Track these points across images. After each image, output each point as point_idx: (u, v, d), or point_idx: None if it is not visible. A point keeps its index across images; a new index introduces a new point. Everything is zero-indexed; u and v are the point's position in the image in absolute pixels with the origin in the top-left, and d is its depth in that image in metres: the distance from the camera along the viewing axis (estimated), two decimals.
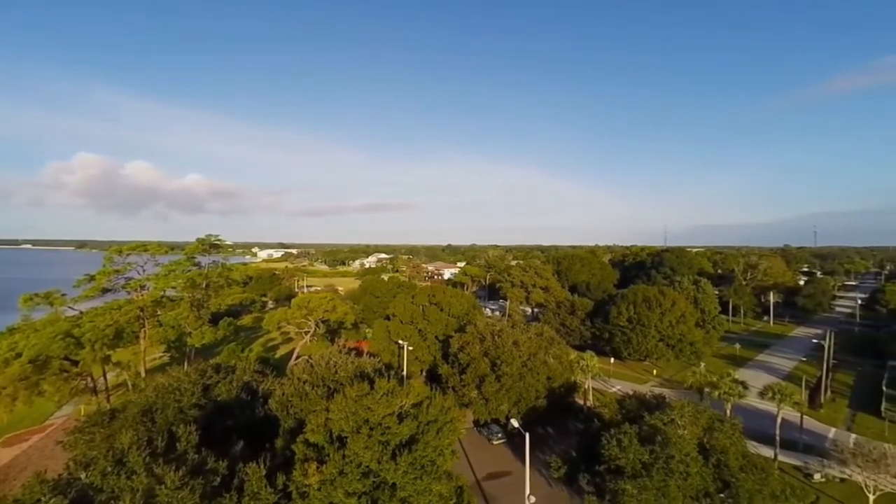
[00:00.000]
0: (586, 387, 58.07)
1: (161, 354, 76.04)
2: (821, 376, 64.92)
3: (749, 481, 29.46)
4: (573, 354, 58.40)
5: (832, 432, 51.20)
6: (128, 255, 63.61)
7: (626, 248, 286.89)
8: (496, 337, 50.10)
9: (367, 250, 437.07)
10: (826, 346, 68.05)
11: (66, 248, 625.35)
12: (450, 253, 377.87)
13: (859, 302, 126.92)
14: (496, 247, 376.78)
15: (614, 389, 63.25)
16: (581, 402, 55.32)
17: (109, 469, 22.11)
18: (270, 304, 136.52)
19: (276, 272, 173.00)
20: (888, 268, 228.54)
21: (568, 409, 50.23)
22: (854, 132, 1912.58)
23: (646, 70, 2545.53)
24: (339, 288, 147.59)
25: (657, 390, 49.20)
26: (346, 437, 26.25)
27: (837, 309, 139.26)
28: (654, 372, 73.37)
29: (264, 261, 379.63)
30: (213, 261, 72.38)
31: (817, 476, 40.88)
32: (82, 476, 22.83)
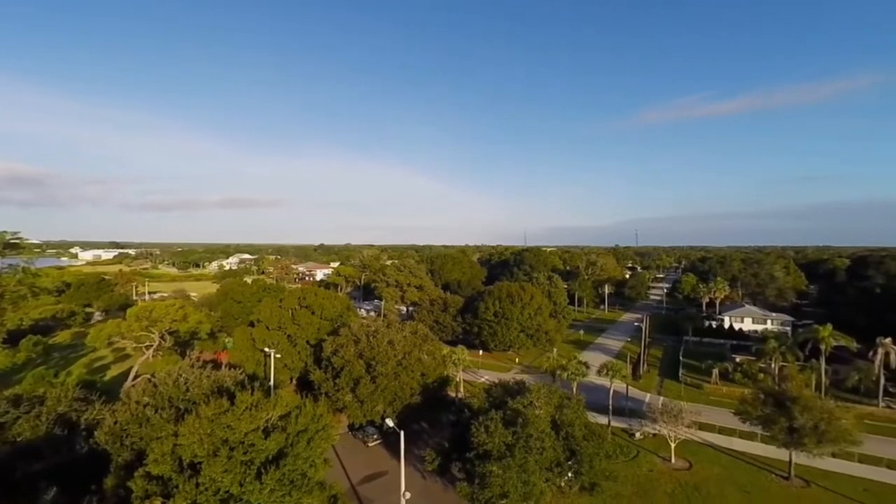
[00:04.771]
0: (458, 379, 61.28)
1: None
2: (640, 352, 79.40)
3: (590, 447, 34.60)
4: (446, 349, 61.10)
5: (648, 397, 62.92)
6: None
7: (493, 247, 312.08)
8: (371, 338, 49.65)
9: (226, 250, 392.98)
10: (643, 328, 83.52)
11: None
12: (323, 253, 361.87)
13: (665, 291, 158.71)
14: (371, 246, 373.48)
15: (483, 379, 68.00)
16: (453, 394, 58.17)
17: None
18: (98, 316, 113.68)
19: (107, 277, 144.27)
20: (683, 263, 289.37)
21: (441, 403, 52.31)
22: (662, 154, 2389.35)
23: (508, 85, 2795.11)
24: (193, 293, 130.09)
25: (519, 377, 54.66)
26: (200, 463, 23.28)
27: (652, 297, 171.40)
28: (517, 360, 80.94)
29: (89, 263, 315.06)
30: (10, 264, 57.36)
31: (638, 434, 49.86)
32: None
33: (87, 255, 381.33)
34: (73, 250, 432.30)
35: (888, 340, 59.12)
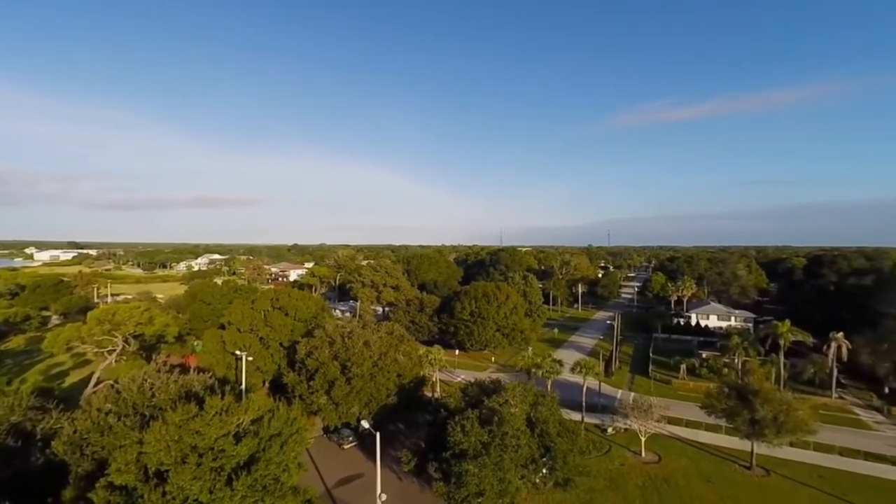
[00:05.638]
0: (434, 379, 61.30)
1: None
2: (612, 350, 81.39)
3: (564, 443, 35.19)
4: (422, 349, 60.99)
5: (619, 393, 64.51)
6: None
7: (469, 247, 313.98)
8: (346, 339, 49.07)
9: (195, 251, 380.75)
10: (615, 326, 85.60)
11: None
12: (297, 253, 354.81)
13: (636, 289, 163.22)
14: (347, 246, 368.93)
15: (459, 379, 68.21)
16: (430, 394, 58.11)
17: None
18: (56, 320, 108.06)
19: (65, 278, 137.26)
20: (653, 262, 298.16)
21: (417, 403, 52.15)
22: (634, 156, 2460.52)
23: (484, 86, 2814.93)
24: (159, 295, 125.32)
25: (494, 376, 55.06)
26: (167, 471, 22.48)
27: (623, 295, 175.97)
28: (493, 359, 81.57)
29: (45, 264, 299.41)
30: None
31: (610, 430, 51.06)
32: None
33: (43, 256, 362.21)
34: (27, 250, 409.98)
35: (840, 335, 62.62)
